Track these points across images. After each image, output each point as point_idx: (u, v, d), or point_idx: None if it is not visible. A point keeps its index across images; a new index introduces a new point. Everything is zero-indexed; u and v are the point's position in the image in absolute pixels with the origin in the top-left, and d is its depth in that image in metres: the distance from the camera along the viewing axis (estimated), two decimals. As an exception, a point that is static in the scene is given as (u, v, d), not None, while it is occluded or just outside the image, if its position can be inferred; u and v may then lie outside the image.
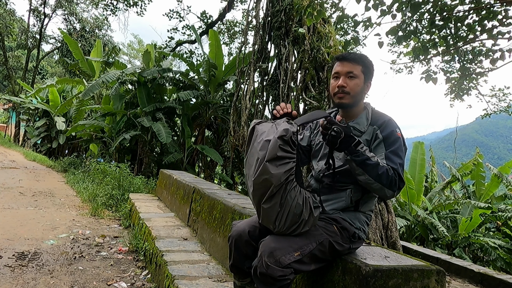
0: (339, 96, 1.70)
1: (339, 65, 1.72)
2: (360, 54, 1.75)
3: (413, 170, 9.13)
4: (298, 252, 1.47)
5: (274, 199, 1.44)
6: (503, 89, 8.95)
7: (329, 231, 1.59)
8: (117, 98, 10.93)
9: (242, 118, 7.53)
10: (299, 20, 6.43)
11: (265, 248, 1.47)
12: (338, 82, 1.70)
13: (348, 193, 1.67)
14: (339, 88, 1.69)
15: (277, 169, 1.40)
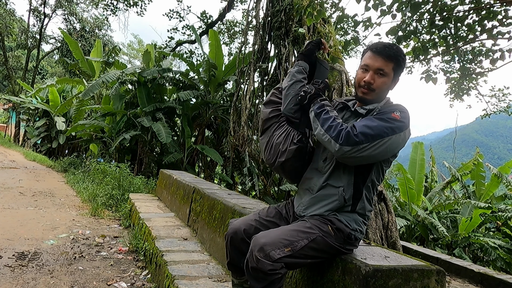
0: (363, 91, 1.65)
1: (371, 58, 1.62)
2: (396, 49, 1.61)
3: (413, 170, 9.13)
4: (288, 248, 1.49)
5: (265, 134, 1.86)
6: (503, 89, 8.95)
7: (323, 231, 1.58)
8: (117, 98, 10.93)
9: (242, 118, 7.53)
10: (299, 20, 6.44)
11: (256, 243, 1.50)
12: (365, 77, 1.62)
13: (341, 192, 1.63)
14: (366, 83, 1.62)
15: (265, 108, 1.90)
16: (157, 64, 11.17)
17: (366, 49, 1.68)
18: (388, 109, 1.59)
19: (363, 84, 1.63)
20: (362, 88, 1.64)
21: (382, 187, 5.17)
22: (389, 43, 1.65)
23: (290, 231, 1.55)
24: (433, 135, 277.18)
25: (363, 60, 1.66)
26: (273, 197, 9.13)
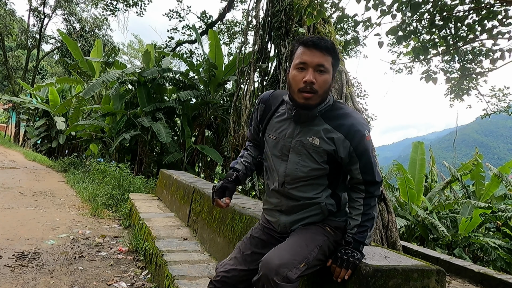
0: (305, 96, 1.38)
1: (307, 54, 1.37)
2: (330, 42, 1.41)
3: (413, 170, 9.13)
4: (303, 263, 1.41)
5: None
6: (503, 89, 8.95)
7: (325, 234, 1.54)
8: (117, 98, 10.93)
9: (242, 118, 7.53)
10: (299, 20, 6.44)
11: (269, 267, 1.36)
12: (305, 76, 1.37)
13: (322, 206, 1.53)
14: (307, 84, 1.36)
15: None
16: (157, 64, 11.17)
17: (296, 44, 1.44)
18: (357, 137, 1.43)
19: (304, 86, 1.37)
20: (304, 93, 1.38)
21: (382, 187, 5.17)
22: (320, 36, 1.49)
23: (298, 245, 1.45)
24: (433, 135, 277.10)
25: (296, 58, 1.40)
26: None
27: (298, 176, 1.48)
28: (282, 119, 1.52)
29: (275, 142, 1.52)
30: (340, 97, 5.47)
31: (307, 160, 1.46)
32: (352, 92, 5.68)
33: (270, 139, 1.55)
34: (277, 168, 1.53)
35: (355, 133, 1.42)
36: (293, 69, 1.41)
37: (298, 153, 1.47)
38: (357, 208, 1.50)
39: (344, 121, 1.43)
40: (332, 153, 1.45)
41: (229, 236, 2.96)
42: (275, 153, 1.53)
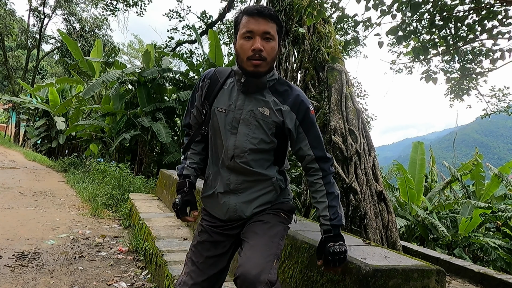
0: (254, 63, 1.39)
1: (253, 22, 1.39)
2: (273, 10, 1.45)
3: (413, 170, 9.13)
4: (275, 260, 1.40)
5: None
6: (503, 89, 8.95)
7: (283, 221, 1.54)
8: (117, 98, 10.93)
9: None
10: (299, 20, 6.43)
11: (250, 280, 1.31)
12: (253, 44, 1.38)
13: (274, 181, 1.53)
14: (255, 52, 1.37)
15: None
16: (157, 64, 11.17)
17: (240, 15, 1.46)
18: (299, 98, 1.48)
19: (252, 54, 1.38)
20: (253, 60, 1.39)
21: (382, 187, 5.18)
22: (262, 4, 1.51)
23: (264, 243, 1.41)
24: (433, 135, 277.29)
25: (242, 27, 1.41)
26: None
27: (248, 148, 1.46)
28: (230, 91, 1.51)
29: (224, 115, 1.49)
30: (340, 97, 5.47)
31: (256, 132, 1.46)
32: (352, 92, 5.68)
33: (219, 112, 1.50)
34: (226, 142, 1.48)
35: (299, 104, 1.47)
36: (240, 38, 1.42)
37: (248, 125, 1.46)
38: (319, 190, 1.51)
39: (289, 94, 1.49)
40: (280, 124, 1.47)
41: (229, 236, 2.96)
42: (225, 126, 1.49)
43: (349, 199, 4.84)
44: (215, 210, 1.57)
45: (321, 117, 5.48)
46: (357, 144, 5.14)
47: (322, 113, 5.50)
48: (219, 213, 1.55)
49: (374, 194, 5.01)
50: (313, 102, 5.79)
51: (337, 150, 5.12)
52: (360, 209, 4.77)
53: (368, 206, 4.84)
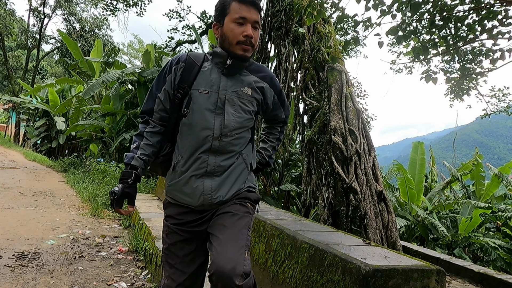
0: (245, 48, 1.48)
1: (246, 10, 1.47)
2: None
3: (413, 170, 9.13)
4: (247, 251, 1.41)
5: None
6: (503, 89, 8.95)
7: (248, 210, 1.55)
8: (117, 98, 10.93)
9: (242, 118, 7.53)
10: (299, 20, 6.43)
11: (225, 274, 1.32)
12: (245, 30, 1.46)
13: (245, 157, 1.60)
14: (247, 38, 1.47)
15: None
16: (157, 64, 11.17)
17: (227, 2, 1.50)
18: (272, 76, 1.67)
19: (244, 39, 1.46)
20: (243, 45, 1.47)
21: (382, 187, 5.17)
22: None
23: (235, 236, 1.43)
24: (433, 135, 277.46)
25: (233, 12, 1.47)
26: (273, 197, 9.13)
27: (234, 127, 1.52)
28: (210, 73, 1.53)
29: (207, 96, 1.50)
30: (340, 97, 5.47)
31: (241, 111, 1.53)
32: (352, 92, 5.68)
33: (201, 94, 1.50)
34: (210, 123, 1.49)
35: (274, 81, 1.67)
36: (231, 22, 1.48)
37: (234, 105, 1.52)
38: (274, 133, 1.90)
39: (264, 73, 1.63)
40: (260, 102, 1.62)
41: (229, 236, 2.96)
42: (208, 107, 1.50)
43: (349, 199, 4.84)
44: (185, 197, 1.53)
45: (321, 117, 5.48)
46: (357, 144, 5.13)
47: (322, 113, 5.49)
48: (191, 199, 1.52)
49: (374, 194, 5.00)
50: (313, 102, 5.79)
51: (337, 150, 5.12)
52: (360, 209, 4.76)
53: (368, 206, 4.84)
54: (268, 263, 2.36)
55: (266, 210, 3.20)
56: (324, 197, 5.15)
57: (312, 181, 5.61)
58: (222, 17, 1.50)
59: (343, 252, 1.74)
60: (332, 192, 5.03)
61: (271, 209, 3.31)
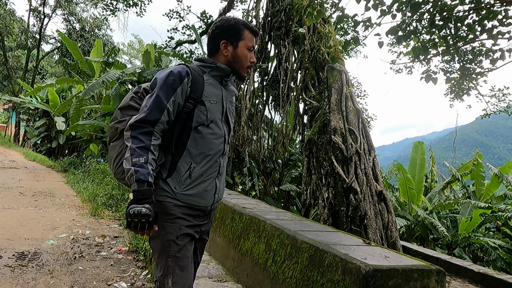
0: (248, 72, 1.74)
1: (254, 41, 1.70)
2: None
3: (413, 170, 9.13)
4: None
5: (117, 141, 1.63)
6: (503, 89, 8.94)
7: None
8: (117, 98, 10.90)
9: (242, 118, 7.53)
10: (299, 20, 6.43)
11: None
12: (252, 57, 1.70)
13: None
14: (252, 64, 1.71)
15: (123, 116, 1.63)
16: (157, 64, 11.17)
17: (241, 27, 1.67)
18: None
19: (250, 64, 1.70)
20: (248, 69, 1.72)
21: (382, 187, 5.17)
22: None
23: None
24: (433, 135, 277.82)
25: (247, 40, 1.67)
26: (273, 197, 9.13)
27: (231, 131, 1.74)
28: (213, 85, 1.65)
29: (216, 106, 1.62)
30: (340, 97, 5.47)
31: (233, 117, 1.75)
32: (352, 92, 5.68)
33: (212, 104, 1.61)
34: (222, 130, 1.64)
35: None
36: (245, 48, 1.67)
37: (230, 112, 1.71)
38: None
39: (234, 82, 1.82)
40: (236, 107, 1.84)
41: (229, 236, 2.96)
42: (219, 116, 1.64)
43: (349, 199, 4.84)
44: (202, 201, 1.59)
45: (321, 117, 5.48)
46: (357, 144, 5.13)
47: (322, 113, 5.49)
48: (206, 201, 1.61)
49: (374, 194, 5.00)
50: (313, 102, 5.79)
51: (337, 150, 5.12)
52: (360, 209, 4.76)
53: (368, 206, 4.84)
54: (268, 263, 2.36)
55: (266, 210, 3.20)
56: (324, 197, 5.15)
57: (312, 181, 5.61)
58: (236, 40, 1.66)
59: (343, 252, 1.74)
60: (332, 192, 5.03)
61: (271, 209, 3.31)
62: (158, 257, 1.52)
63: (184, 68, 1.59)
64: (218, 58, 1.67)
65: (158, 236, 1.51)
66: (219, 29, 1.68)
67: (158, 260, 1.52)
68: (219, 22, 1.70)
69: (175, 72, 1.56)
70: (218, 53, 1.67)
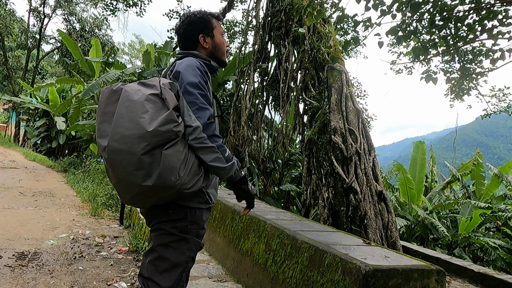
0: (227, 56, 1.76)
1: (221, 25, 1.75)
2: None
3: (414, 170, 9.13)
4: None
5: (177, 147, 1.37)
6: (503, 89, 8.94)
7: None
8: (117, 98, 10.92)
9: (242, 118, 7.53)
10: (299, 20, 6.43)
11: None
12: (227, 42, 1.74)
13: None
14: (228, 47, 1.79)
15: (179, 118, 1.39)
16: (157, 64, 11.17)
17: (208, 17, 1.71)
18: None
19: (227, 49, 1.75)
20: (227, 53, 1.75)
21: (382, 187, 5.18)
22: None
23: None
24: (433, 135, 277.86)
25: (218, 28, 1.72)
26: (273, 197, 9.13)
27: None
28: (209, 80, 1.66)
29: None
30: (340, 97, 5.47)
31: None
32: (352, 92, 5.68)
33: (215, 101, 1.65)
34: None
35: None
36: (221, 36, 1.72)
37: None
38: None
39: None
40: None
41: (229, 236, 2.96)
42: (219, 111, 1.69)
43: (349, 199, 4.84)
44: (216, 197, 1.64)
45: (321, 117, 5.48)
46: (357, 144, 5.13)
47: (322, 113, 5.49)
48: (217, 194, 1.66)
49: (374, 194, 5.00)
50: (313, 102, 5.79)
51: (337, 150, 5.12)
52: (360, 209, 4.76)
53: (368, 206, 4.84)
54: (268, 263, 2.36)
55: (266, 210, 3.20)
56: (324, 197, 5.15)
57: (312, 181, 5.61)
58: (211, 30, 1.69)
59: (343, 252, 1.74)
60: (332, 192, 5.03)
61: (271, 209, 3.31)
62: (171, 268, 1.46)
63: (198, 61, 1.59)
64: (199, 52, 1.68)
65: (178, 248, 1.46)
66: (191, 25, 1.67)
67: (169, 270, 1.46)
68: (187, 19, 1.69)
69: (198, 65, 1.54)
70: (198, 48, 1.68)
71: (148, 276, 1.45)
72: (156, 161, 1.31)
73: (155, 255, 1.46)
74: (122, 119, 1.34)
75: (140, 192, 1.35)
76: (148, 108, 1.34)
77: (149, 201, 1.41)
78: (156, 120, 1.32)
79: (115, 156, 1.33)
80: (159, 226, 1.48)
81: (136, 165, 1.30)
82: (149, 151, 1.30)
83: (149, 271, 1.45)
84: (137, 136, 1.30)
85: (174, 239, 1.45)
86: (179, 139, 1.37)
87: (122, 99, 1.38)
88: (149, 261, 1.47)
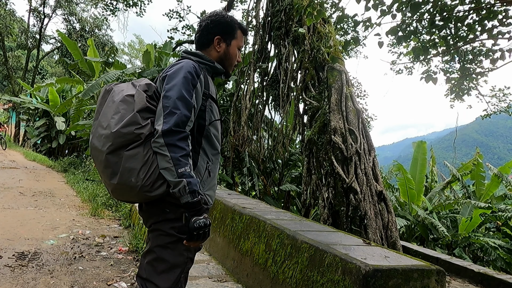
0: (233, 70, 1.75)
1: (243, 40, 1.71)
2: None
3: (414, 170, 9.13)
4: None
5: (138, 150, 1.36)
6: (503, 89, 8.94)
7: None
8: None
9: (242, 118, 7.53)
10: (299, 20, 6.43)
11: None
12: (239, 57, 1.72)
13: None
14: (238, 63, 1.73)
15: (144, 120, 1.38)
16: (157, 64, 11.17)
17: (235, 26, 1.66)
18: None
19: (237, 64, 1.73)
20: (234, 67, 1.73)
21: (382, 187, 5.18)
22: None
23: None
24: (433, 135, 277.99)
25: (239, 40, 1.69)
26: (273, 197, 9.14)
27: None
28: (211, 81, 1.62)
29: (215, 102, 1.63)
30: (340, 97, 5.47)
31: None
32: (352, 92, 5.68)
33: (214, 104, 1.59)
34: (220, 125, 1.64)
35: None
36: (236, 48, 1.68)
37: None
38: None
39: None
40: None
41: (229, 236, 2.96)
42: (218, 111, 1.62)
43: (349, 199, 4.84)
44: (213, 199, 1.62)
45: (321, 117, 5.48)
46: (357, 144, 5.13)
47: (322, 113, 5.49)
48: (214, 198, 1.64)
49: (374, 194, 5.00)
50: (313, 102, 5.79)
51: (337, 150, 5.12)
52: (360, 209, 4.76)
53: (368, 206, 4.84)
54: (268, 263, 2.36)
55: (266, 210, 3.20)
56: (324, 197, 5.15)
57: (312, 181, 5.61)
58: (230, 38, 1.66)
59: (343, 252, 1.74)
60: (332, 192, 5.03)
61: (271, 209, 3.31)
62: (170, 269, 1.44)
63: (194, 64, 1.54)
64: (209, 53, 1.63)
65: (176, 249, 1.44)
66: (214, 23, 1.62)
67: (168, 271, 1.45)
68: (214, 17, 1.63)
69: (189, 67, 1.48)
70: (210, 47, 1.63)
71: (147, 277, 1.44)
72: (120, 161, 1.34)
73: (153, 256, 1.45)
74: (103, 118, 1.40)
75: (113, 188, 1.40)
76: (120, 109, 1.37)
77: (127, 197, 1.45)
78: (122, 121, 1.35)
79: (93, 152, 1.42)
80: (157, 227, 1.47)
81: (104, 163, 1.36)
82: (113, 151, 1.34)
83: (147, 272, 1.44)
84: (105, 135, 1.36)
85: (172, 240, 1.44)
86: (142, 141, 1.36)
87: (109, 98, 1.44)
88: (147, 262, 1.46)
